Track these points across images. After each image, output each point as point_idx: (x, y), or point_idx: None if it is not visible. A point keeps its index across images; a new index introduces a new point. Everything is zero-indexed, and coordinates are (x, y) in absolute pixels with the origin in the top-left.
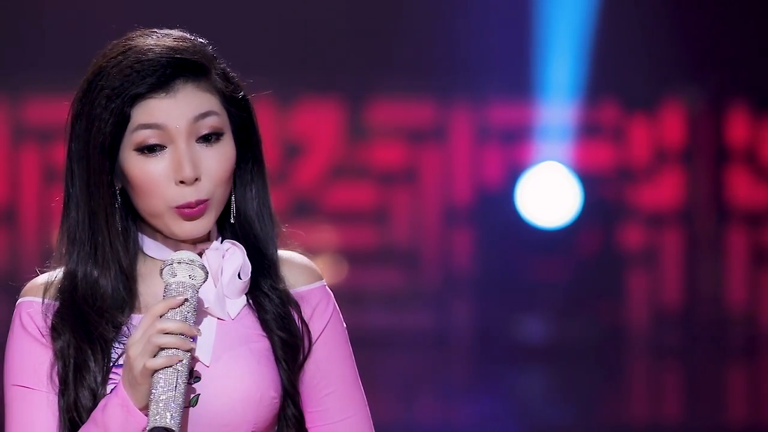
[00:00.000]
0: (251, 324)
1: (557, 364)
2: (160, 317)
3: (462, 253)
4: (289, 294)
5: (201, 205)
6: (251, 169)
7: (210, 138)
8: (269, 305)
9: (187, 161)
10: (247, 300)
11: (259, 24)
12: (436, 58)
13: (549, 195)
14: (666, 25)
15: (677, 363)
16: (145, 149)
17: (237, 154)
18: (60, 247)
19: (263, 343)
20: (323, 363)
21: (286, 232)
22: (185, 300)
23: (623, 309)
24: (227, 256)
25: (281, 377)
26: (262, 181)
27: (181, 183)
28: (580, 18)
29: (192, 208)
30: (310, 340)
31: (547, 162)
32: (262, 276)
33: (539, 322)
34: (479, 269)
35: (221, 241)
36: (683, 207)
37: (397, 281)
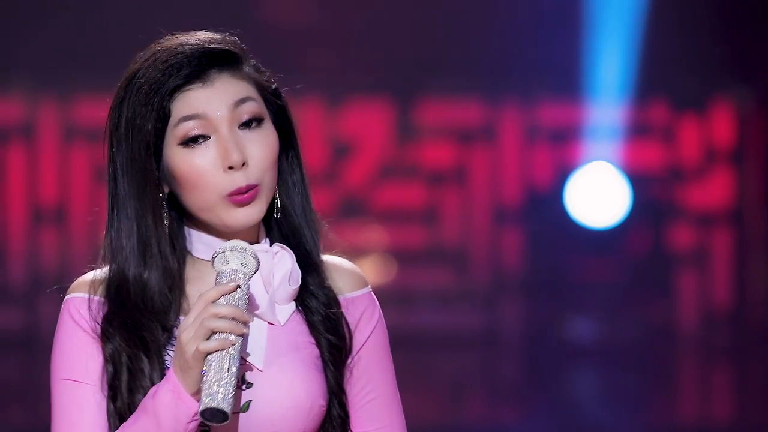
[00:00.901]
0: (300, 330)
1: (606, 364)
2: (212, 303)
3: (511, 254)
4: (335, 294)
5: (252, 191)
6: (290, 159)
7: (251, 123)
8: (316, 305)
9: (233, 146)
10: (296, 305)
11: (309, 25)
12: (485, 57)
13: (598, 195)
14: (716, 25)
15: (727, 363)
16: (190, 141)
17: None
18: (107, 249)
19: (312, 350)
20: (367, 369)
21: (327, 229)
22: (237, 286)
23: (673, 309)
24: (276, 260)
25: (328, 380)
26: (300, 172)
27: (230, 169)
28: (629, 17)
29: (243, 194)
30: (351, 343)
31: (597, 162)
32: (308, 274)
33: (588, 322)
34: (528, 269)
35: (270, 244)
36: (733, 207)
37: (446, 281)
